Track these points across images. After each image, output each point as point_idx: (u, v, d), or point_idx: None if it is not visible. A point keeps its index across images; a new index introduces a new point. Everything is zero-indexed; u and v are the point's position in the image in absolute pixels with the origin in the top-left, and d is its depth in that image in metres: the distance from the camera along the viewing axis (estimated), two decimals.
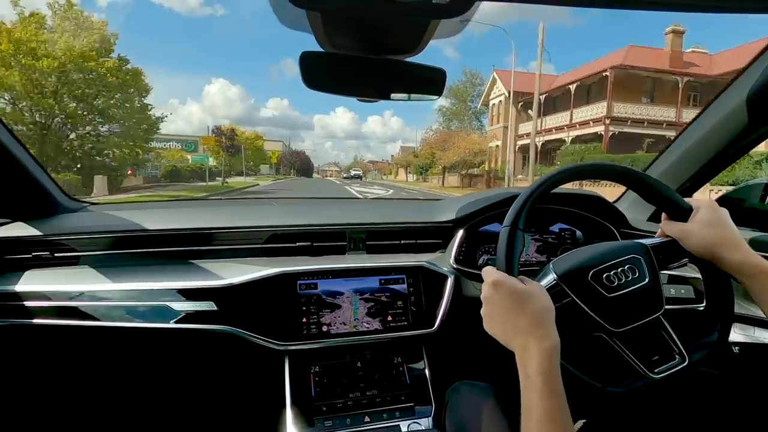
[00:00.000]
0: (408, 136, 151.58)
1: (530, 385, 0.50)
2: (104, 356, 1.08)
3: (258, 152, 40.42)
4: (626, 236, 1.13)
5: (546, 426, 0.47)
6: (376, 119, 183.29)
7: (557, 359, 0.51)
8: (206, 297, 0.87)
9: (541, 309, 0.54)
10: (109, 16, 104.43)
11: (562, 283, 0.63)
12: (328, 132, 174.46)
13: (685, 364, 0.62)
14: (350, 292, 0.93)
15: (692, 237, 0.63)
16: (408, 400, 0.91)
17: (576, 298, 0.62)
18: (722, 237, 0.60)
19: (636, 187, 0.68)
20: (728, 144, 1.03)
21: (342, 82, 0.66)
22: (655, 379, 0.60)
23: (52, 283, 0.88)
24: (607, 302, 0.62)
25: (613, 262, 0.65)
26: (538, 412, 0.48)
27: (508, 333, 0.55)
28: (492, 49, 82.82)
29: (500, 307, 0.56)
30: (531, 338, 0.52)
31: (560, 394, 0.49)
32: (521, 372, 0.52)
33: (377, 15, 0.50)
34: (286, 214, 1.10)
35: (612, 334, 0.62)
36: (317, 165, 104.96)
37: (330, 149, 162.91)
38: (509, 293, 0.55)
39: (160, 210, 1.16)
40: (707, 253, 0.61)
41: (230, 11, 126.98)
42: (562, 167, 0.67)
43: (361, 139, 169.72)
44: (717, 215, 0.62)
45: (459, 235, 1.05)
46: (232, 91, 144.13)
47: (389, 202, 1.92)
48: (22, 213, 0.99)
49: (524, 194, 0.64)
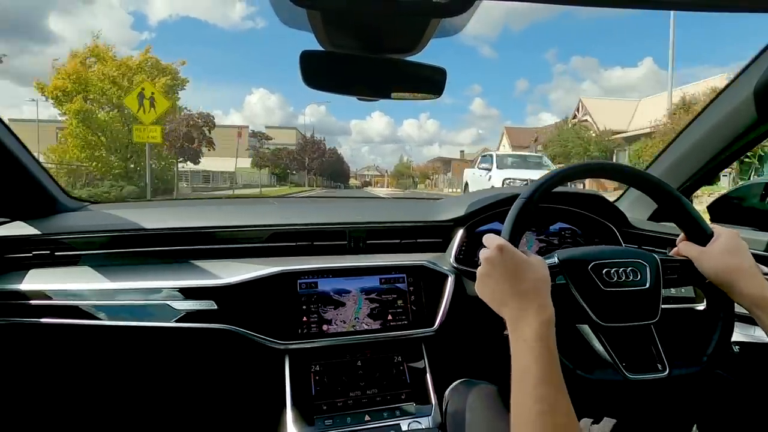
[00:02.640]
0: (445, 138, 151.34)
1: (526, 349, 0.50)
2: (105, 355, 1.08)
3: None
4: (627, 235, 1.13)
5: (542, 387, 0.48)
6: (412, 122, 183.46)
7: (554, 330, 0.52)
8: (206, 296, 0.87)
9: (540, 279, 0.56)
10: (158, 31, 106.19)
11: (561, 266, 0.64)
12: (365, 137, 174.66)
13: (663, 376, 0.61)
14: (350, 292, 0.93)
15: (710, 261, 0.63)
16: (408, 399, 0.91)
17: (571, 282, 0.63)
18: (740, 266, 0.60)
19: (661, 200, 0.69)
20: (728, 144, 1.03)
21: (342, 81, 0.66)
22: (628, 378, 0.60)
23: (53, 282, 0.88)
24: (600, 295, 0.63)
25: (617, 260, 0.65)
26: (535, 374, 0.48)
27: (504, 297, 0.56)
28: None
29: (501, 271, 0.56)
30: (529, 307, 0.53)
31: (556, 358, 0.50)
32: (514, 337, 0.52)
33: (377, 14, 0.50)
34: (287, 213, 1.10)
35: (598, 328, 0.63)
36: (354, 170, 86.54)
37: (367, 153, 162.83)
38: (512, 259, 0.56)
39: (161, 209, 1.16)
40: (722, 280, 0.61)
41: (269, 22, 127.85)
42: (596, 161, 0.68)
43: (397, 143, 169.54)
44: (738, 244, 0.62)
45: (459, 234, 1.05)
46: (272, 99, 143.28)
47: (389, 202, 1.92)
48: (23, 212, 0.99)
49: (552, 173, 0.66)
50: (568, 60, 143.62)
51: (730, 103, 0.98)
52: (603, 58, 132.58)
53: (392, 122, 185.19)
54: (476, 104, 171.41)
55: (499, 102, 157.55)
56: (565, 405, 0.48)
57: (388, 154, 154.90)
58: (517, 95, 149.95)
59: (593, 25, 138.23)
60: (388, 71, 0.65)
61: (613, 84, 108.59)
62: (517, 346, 0.52)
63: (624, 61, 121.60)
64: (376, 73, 0.65)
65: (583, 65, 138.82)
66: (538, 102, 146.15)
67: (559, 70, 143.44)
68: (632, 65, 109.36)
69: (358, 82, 0.66)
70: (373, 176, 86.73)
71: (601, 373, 0.60)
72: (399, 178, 66.59)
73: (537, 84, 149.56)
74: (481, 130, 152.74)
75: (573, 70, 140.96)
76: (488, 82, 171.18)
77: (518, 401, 0.49)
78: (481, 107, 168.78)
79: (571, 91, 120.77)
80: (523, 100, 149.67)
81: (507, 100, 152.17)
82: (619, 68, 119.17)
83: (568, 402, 0.48)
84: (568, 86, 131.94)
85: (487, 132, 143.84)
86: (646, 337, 0.65)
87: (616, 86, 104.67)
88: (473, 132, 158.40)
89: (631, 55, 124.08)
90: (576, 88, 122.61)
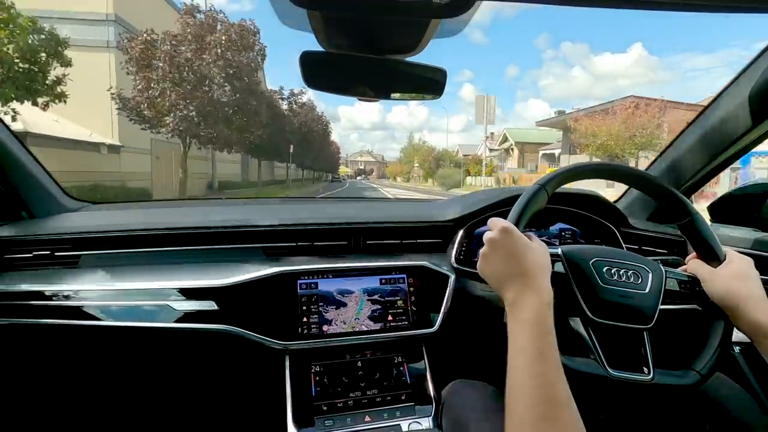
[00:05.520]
0: (434, 125, 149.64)
1: (525, 327, 0.51)
2: (105, 356, 1.08)
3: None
4: (627, 236, 1.13)
5: (539, 365, 0.48)
6: (402, 109, 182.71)
7: (551, 312, 0.53)
8: (207, 296, 0.87)
9: (541, 263, 0.57)
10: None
11: (564, 256, 0.65)
12: (354, 124, 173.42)
13: (646, 379, 0.61)
14: (351, 292, 0.93)
15: (718, 284, 0.63)
16: (408, 400, 0.91)
17: (570, 272, 0.63)
18: (748, 293, 0.60)
19: (676, 213, 0.69)
20: (728, 144, 1.03)
21: (342, 81, 0.66)
22: (611, 376, 0.60)
23: (53, 283, 0.88)
24: (597, 290, 0.63)
25: (621, 261, 0.65)
26: (532, 352, 0.49)
27: (505, 277, 0.57)
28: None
29: (504, 251, 0.57)
30: (529, 288, 0.54)
31: (554, 339, 0.51)
32: (513, 317, 0.53)
33: (377, 15, 0.50)
34: (287, 214, 1.10)
35: (589, 322, 0.63)
36: (345, 155, 70.37)
37: (356, 141, 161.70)
38: (515, 241, 0.57)
39: (161, 209, 1.16)
40: (728, 304, 0.61)
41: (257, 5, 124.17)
42: (619, 165, 0.69)
43: (387, 130, 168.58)
44: (749, 272, 0.63)
45: (460, 234, 1.05)
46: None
47: (390, 202, 1.92)
48: (23, 212, 0.99)
49: (572, 165, 0.66)
50: (558, 46, 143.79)
51: (730, 104, 0.98)
52: (593, 43, 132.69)
53: (381, 108, 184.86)
54: (466, 90, 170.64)
55: (490, 88, 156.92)
56: (562, 382, 0.48)
57: (377, 141, 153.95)
58: (508, 81, 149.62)
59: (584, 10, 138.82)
60: (389, 72, 0.65)
61: (603, 70, 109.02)
62: (515, 325, 0.52)
63: (614, 47, 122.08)
64: (377, 74, 0.65)
65: (574, 51, 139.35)
66: (528, 88, 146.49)
67: (549, 56, 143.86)
68: (622, 51, 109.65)
69: (359, 83, 0.66)
70: (367, 163, 72.34)
71: (582, 365, 0.61)
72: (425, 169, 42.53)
73: (527, 70, 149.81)
74: (471, 116, 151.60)
75: (563, 56, 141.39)
76: (479, 68, 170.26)
77: (515, 378, 0.49)
78: (471, 94, 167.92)
79: (561, 77, 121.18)
80: (513, 86, 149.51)
81: (498, 86, 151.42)
82: (609, 54, 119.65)
83: (564, 380, 0.48)
84: (558, 72, 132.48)
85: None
86: (638, 340, 0.65)
87: (606, 72, 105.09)
88: (463, 118, 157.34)
89: (620, 42, 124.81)
90: (566, 75, 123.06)
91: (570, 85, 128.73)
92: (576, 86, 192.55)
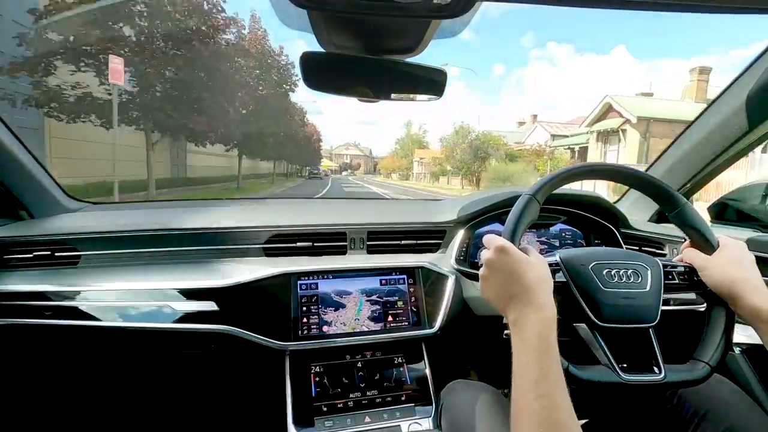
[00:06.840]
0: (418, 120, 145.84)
1: (528, 347, 0.51)
2: (105, 356, 1.08)
3: None
4: (627, 237, 1.13)
5: (543, 385, 0.48)
6: (387, 103, 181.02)
7: (555, 328, 0.52)
8: (207, 297, 0.87)
9: (541, 278, 0.56)
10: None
11: (562, 264, 0.64)
12: (336, 116, 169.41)
13: (658, 379, 0.61)
14: (351, 293, 0.93)
15: (714, 271, 0.62)
16: (408, 401, 0.91)
17: (571, 280, 0.63)
18: (744, 278, 0.60)
19: (668, 206, 0.69)
20: (728, 145, 1.03)
21: (343, 82, 0.66)
22: (624, 380, 0.60)
23: (53, 283, 0.88)
24: (600, 294, 0.63)
25: (619, 261, 0.65)
26: (536, 371, 0.49)
27: (506, 298, 0.56)
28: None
29: (502, 273, 0.56)
30: (531, 306, 0.53)
31: (557, 357, 0.50)
32: (516, 336, 0.53)
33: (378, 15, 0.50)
34: (287, 215, 1.10)
35: (594, 327, 0.62)
36: (330, 147, 65.36)
37: (340, 133, 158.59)
38: (513, 260, 0.56)
39: (161, 210, 1.16)
40: (726, 290, 0.61)
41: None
42: (606, 164, 0.68)
43: (369, 124, 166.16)
44: (744, 256, 0.62)
45: (460, 235, 1.05)
46: None
47: (389, 202, 1.92)
48: (23, 213, 0.99)
49: (558, 171, 0.66)
50: (545, 45, 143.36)
51: (730, 105, 0.98)
52: (578, 44, 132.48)
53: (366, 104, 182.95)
54: (453, 87, 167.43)
55: (476, 86, 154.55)
56: (566, 402, 0.48)
57: (361, 135, 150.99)
58: (494, 80, 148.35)
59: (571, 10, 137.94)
60: (389, 72, 0.65)
61: (587, 71, 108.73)
62: (518, 345, 0.52)
63: (598, 49, 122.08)
64: (377, 75, 0.65)
65: (558, 52, 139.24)
66: (513, 86, 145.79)
67: (535, 55, 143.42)
68: (605, 53, 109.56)
69: (359, 84, 0.66)
70: (352, 156, 66.87)
71: (594, 373, 0.60)
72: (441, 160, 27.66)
73: (513, 68, 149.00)
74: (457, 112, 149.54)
75: (549, 56, 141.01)
76: (466, 65, 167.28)
77: (519, 398, 0.49)
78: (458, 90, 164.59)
79: (546, 77, 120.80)
80: (499, 84, 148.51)
81: (484, 84, 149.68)
82: (593, 54, 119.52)
83: (568, 400, 0.48)
84: (544, 72, 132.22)
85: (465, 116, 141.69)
86: (644, 339, 0.65)
87: (590, 73, 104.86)
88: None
89: (604, 44, 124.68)
90: (551, 75, 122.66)
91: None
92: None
